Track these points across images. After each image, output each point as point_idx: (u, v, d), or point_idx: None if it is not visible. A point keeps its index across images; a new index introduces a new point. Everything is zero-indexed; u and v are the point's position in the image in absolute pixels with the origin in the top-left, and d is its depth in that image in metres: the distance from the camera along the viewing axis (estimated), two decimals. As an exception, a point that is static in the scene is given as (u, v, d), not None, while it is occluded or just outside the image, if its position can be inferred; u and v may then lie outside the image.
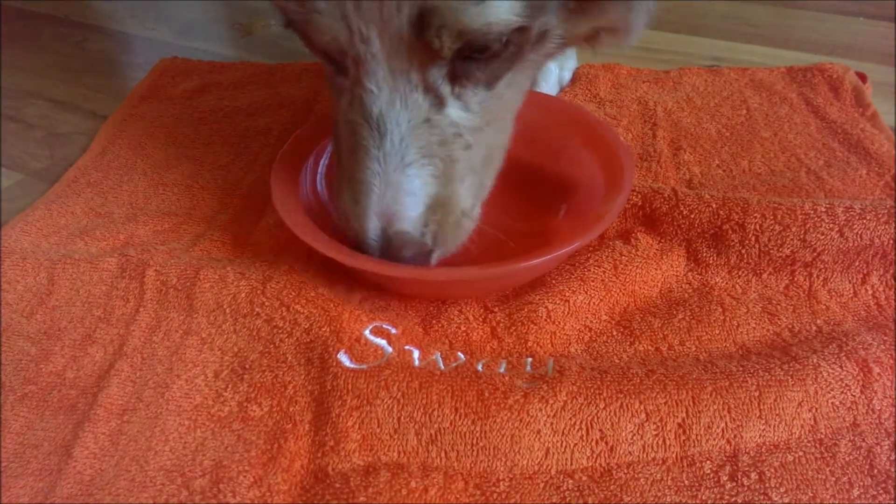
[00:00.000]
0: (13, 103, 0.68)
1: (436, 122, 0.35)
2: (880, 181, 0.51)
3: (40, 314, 0.42)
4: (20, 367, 0.39)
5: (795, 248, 0.43)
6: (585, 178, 0.47)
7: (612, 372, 0.37)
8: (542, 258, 0.39)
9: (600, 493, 0.32)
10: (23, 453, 0.34)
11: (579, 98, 0.62)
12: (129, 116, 0.63)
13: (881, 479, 0.32)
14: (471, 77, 0.35)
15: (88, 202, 0.52)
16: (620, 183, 0.43)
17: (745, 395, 0.35)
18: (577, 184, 0.48)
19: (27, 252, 0.46)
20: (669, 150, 0.56)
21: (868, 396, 0.35)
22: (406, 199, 0.36)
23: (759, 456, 0.33)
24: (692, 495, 0.32)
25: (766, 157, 0.55)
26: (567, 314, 0.41)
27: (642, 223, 0.47)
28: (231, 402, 0.36)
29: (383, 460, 0.33)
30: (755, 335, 0.40)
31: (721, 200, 0.45)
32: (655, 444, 0.34)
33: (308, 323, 0.40)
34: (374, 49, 0.33)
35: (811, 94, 0.62)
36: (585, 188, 0.47)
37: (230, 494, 0.32)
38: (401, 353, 0.39)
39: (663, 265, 0.44)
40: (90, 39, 0.83)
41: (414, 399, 0.35)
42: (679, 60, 0.72)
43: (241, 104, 0.64)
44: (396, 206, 0.36)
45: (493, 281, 0.41)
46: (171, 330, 0.40)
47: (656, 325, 0.41)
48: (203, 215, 0.51)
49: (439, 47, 0.32)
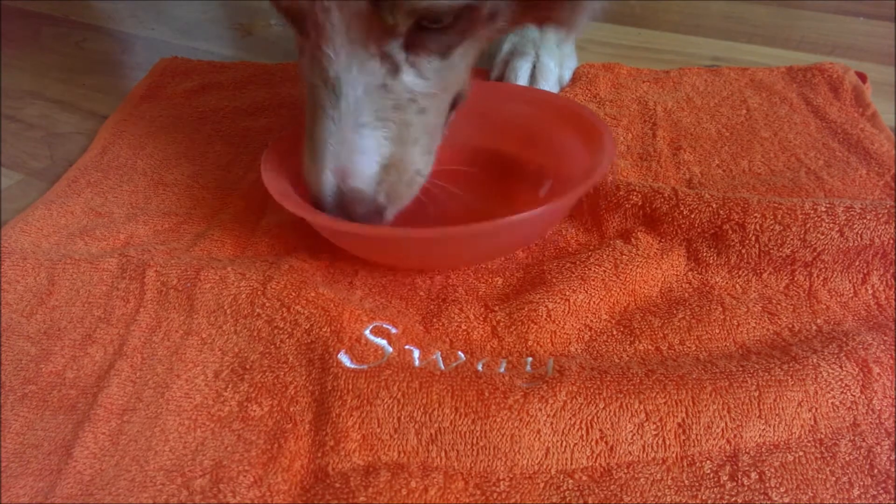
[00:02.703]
0: (13, 103, 0.68)
1: (391, 88, 0.37)
2: (880, 181, 0.51)
3: (40, 314, 0.42)
4: (20, 367, 0.39)
5: (795, 248, 0.43)
6: (566, 155, 0.48)
7: (612, 371, 0.37)
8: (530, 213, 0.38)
9: (600, 493, 0.32)
10: (23, 453, 0.34)
11: (579, 98, 0.62)
12: (129, 116, 0.63)
13: (881, 479, 0.32)
14: (425, 47, 0.37)
15: (88, 202, 0.52)
16: (601, 149, 0.43)
17: (745, 395, 0.35)
18: (558, 162, 0.49)
19: (27, 252, 0.46)
20: (669, 150, 0.56)
21: (868, 396, 0.35)
22: (360, 158, 0.37)
23: (759, 456, 0.33)
24: (692, 495, 0.32)
25: (766, 157, 0.55)
26: (567, 313, 0.41)
27: (643, 223, 0.47)
28: (231, 402, 0.36)
29: (383, 460, 0.33)
30: (755, 335, 0.40)
31: (721, 200, 0.45)
32: (655, 444, 0.34)
33: (308, 323, 0.40)
34: (333, 19, 0.34)
35: (811, 94, 0.62)
36: (566, 164, 0.47)
37: (230, 494, 0.32)
38: (401, 352, 0.39)
39: (663, 265, 0.44)
40: (90, 39, 0.83)
41: (414, 399, 0.35)
42: (679, 60, 0.73)
43: (241, 104, 0.64)
44: (350, 164, 0.37)
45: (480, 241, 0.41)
46: (172, 330, 0.40)
47: (656, 324, 0.41)
48: (203, 215, 0.51)
49: (393, 23, 0.34)
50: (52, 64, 0.76)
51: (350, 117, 0.37)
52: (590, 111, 0.49)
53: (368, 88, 0.36)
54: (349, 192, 0.38)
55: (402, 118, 0.38)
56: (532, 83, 0.62)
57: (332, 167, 0.37)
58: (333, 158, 0.37)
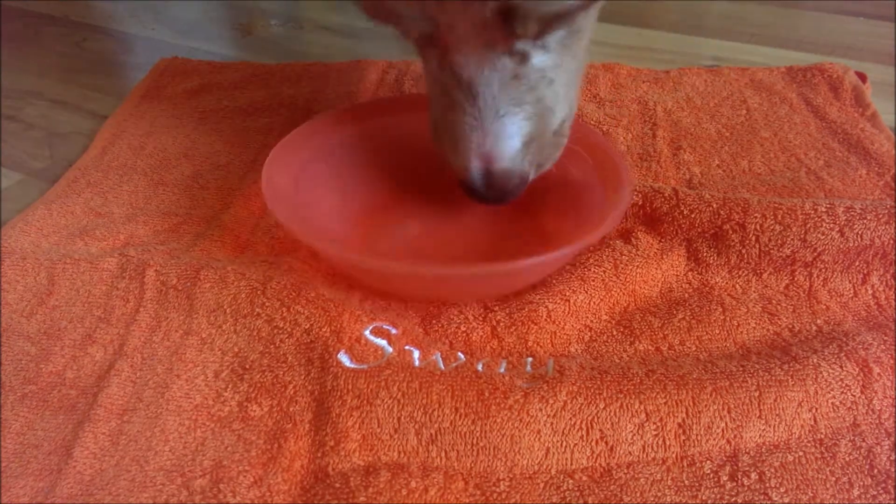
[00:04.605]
0: (13, 103, 0.68)
1: (523, 75, 0.37)
2: (880, 181, 0.51)
3: (40, 314, 0.42)
4: (20, 367, 0.39)
5: (796, 248, 0.43)
6: (580, 178, 0.47)
7: (612, 372, 0.37)
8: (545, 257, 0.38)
9: (600, 493, 0.32)
10: (23, 453, 0.34)
11: (579, 98, 0.62)
12: (129, 116, 0.63)
13: (881, 479, 0.32)
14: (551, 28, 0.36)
15: (88, 202, 0.52)
16: (620, 183, 0.42)
17: (745, 395, 0.35)
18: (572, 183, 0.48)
19: (27, 252, 0.46)
20: (669, 150, 0.56)
21: (868, 396, 0.35)
22: (503, 143, 0.38)
23: (759, 456, 0.33)
24: (692, 495, 0.32)
25: (766, 157, 0.55)
26: (567, 314, 0.41)
27: (643, 223, 0.47)
28: (231, 402, 0.36)
29: (383, 460, 0.33)
30: (755, 335, 0.40)
31: (721, 200, 0.45)
32: (655, 444, 0.34)
33: (308, 323, 0.40)
34: (459, 33, 0.35)
35: (811, 94, 0.62)
36: (580, 188, 0.47)
37: (230, 494, 0.32)
38: (401, 353, 0.39)
39: (663, 265, 0.44)
40: (90, 39, 0.83)
41: (414, 399, 0.35)
42: (679, 60, 0.72)
43: (241, 104, 0.64)
44: (495, 149, 0.38)
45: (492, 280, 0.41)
46: (171, 330, 0.40)
47: (656, 324, 0.41)
48: (203, 215, 0.51)
49: (524, 33, 0.35)
50: (52, 64, 0.76)
51: (489, 112, 0.37)
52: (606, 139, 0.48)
53: (503, 83, 0.37)
54: (497, 172, 0.39)
55: (536, 96, 0.38)
56: None
57: (477, 154, 0.38)
58: (478, 147, 0.38)
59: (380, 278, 0.41)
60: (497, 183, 0.39)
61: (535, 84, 0.38)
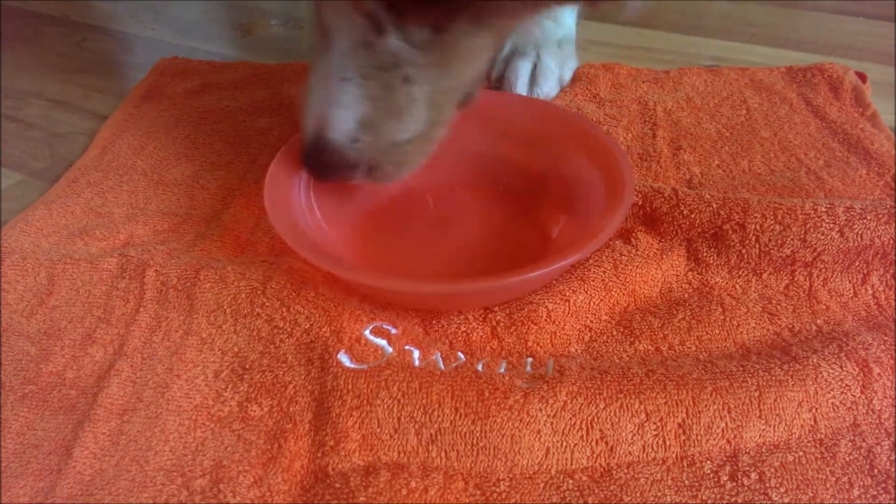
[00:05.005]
0: (13, 103, 0.68)
1: (375, 46, 0.37)
2: (880, 181, 0.51)
3: (40, 314, 0.42)
4: (20, 367, 0.39)
5: (796, 248, 0.43)
6: (585, 184, 0.47)
7: (612, 372, 0.37)
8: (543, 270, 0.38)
9: (600, 493, 0.32)
10: (23, 453, 0.34)
11: (579, 98, 0.62)
12: (129, 116, 0.63)
13: (881, 479, 0.32)
14: (413, 13, 0.36)
15: (88, 202, 0.52)
16: (622, 190, 0.42)
17: (745, 395, 0.35)
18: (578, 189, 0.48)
19: (27, 252, 0.46)
20: (669, 150, 0.56)
21: (868, 396, 0.35)
22: (337, 111, 0.38)
23: (759, 456, 0.33)
24: (692, 495, 0.32)
25: (766, 157, 0.55)
26: (567, 314, 0.41)
27: (643, 223, 0.47)
28: (231, 402, 0.36)
29: (383, 460, 0.33)
30: (755, 335, 0.40)
31: (721, 200, 0.45)
32: (655, 444, 0.34)
33: (308, 323, 0.40)
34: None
35: (811, 94, 0.62)
36: (585, 194, 0.46)
37: (230, 494, 0.32)
38: (401, 353, 0.39)
39: (663, 265, 0.44)
40: (90, 39, 0.83)
41: (414, 399, 0.35)
42: (679, 60, 0.72)
43: (241, 104, 0.64)
44: (328, 114, 0.38)
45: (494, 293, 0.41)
46: (171, 330, 0.40)
47: (656, 324, 0.41)
48: (203, 215, 0.51)
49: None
50: (52, 64, 0.76)
51: (336, 69, 0.37)
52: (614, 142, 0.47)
53: (354, 43, 0.37)
54: (323, 141, 0.39)
55: (385, 81, 0.38)
56: (533, 83, 0.62)
57: (314, 115, 0.39)
58: (317, 106, 0.39)
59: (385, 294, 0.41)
60: (321, 152, 0.39)
61: (387, 67, 0.37)
